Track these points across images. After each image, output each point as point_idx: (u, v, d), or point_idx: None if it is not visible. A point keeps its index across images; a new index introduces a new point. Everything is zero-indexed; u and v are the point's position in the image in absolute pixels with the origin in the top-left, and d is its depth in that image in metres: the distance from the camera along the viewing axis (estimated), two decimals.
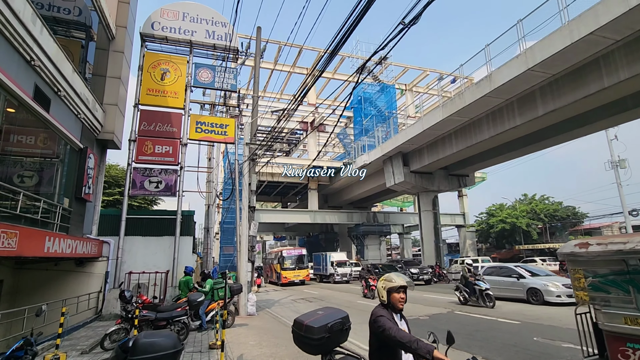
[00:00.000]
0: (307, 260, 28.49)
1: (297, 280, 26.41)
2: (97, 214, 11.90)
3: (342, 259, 28.24)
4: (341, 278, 26.18)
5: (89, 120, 10.91)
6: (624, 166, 25.91)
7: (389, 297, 2.57)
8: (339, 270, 26.32)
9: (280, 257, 27.39)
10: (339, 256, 28.76)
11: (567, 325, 8.32)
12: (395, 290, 2.55)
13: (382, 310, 2.54)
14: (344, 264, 27.30)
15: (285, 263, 26.97)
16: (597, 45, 12.25)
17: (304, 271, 27.07)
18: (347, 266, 27.01)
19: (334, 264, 26.81)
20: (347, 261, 27.95)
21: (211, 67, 14.61)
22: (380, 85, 31.55)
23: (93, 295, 11.20)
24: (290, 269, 26.75)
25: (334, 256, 28.08)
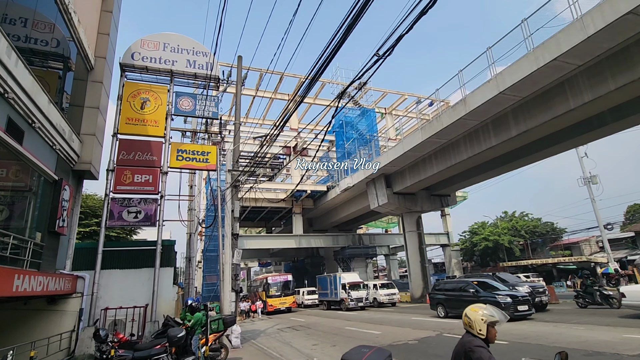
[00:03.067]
0: (293, 286, 27.46)
1: (284, 307, 25.36)
2: (71, 247, 11.39)
3: (355, 279, 24.28)
4: (355, 304, 22.44)
5: (64, 151, 10.63)
6: (596, 182, 26.98)
7: (487, 331, 2.59)
8: (353, 294, 22.58)
9: (265, 284, 26.45)
10: (351, 277, 24.47)
11: (553, 343, 8.35)
12: (494, 325, 2.61)
13: (479, 341, 2.53)
14: (358, 286, 23.56)
15: (271, 290, 26.03)
16: (561, 70, 13.01)
17: (290, 298, 26.11)
18: (361, 289, 23.47)
19: (347, 287, 22.90)
20: (361, 282, 24.27)
21: (192, 95, 14.66)
22: (360, 109, 32.29)
23: (65, 334, 10.52)
24: (276, 296, 25.80)
25: (345, 277, 23.87)
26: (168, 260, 12.94)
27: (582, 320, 11.65)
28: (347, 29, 5.24)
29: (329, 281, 25.55)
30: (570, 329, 10.15)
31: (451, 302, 14.68)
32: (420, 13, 4.07)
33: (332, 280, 24.86)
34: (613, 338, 8.42)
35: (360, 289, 23.26)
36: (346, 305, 22.51)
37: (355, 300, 22.44)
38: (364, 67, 5.16)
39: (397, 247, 40.72)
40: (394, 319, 16.31)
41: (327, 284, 25.78)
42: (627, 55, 12.03)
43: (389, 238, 40.67)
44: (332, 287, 24.69)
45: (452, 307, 14.57)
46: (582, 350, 7.47)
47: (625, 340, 8.05)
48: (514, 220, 38.49)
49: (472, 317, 2.63)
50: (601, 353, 7.11)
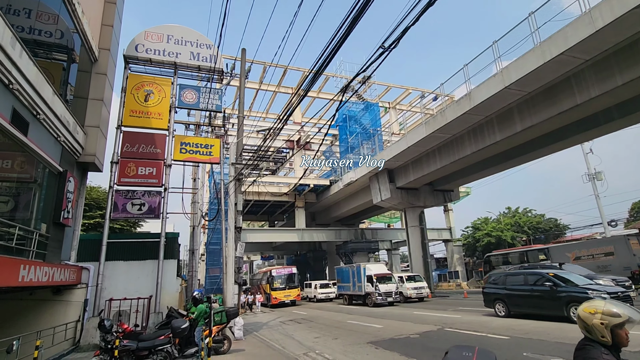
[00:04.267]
0: (297, 279, 27.06)
1: (288, 300, 25.01)
2: (76, 239, 11.49)
3: (384, 271, 21.74)
4: (384, 299, 19.70)
5: (69, 143, 10.68)
6: (601, 178, 26.80)
7: (613, 335, 1.95)
8: (382, 288, 19.88)
9: (270, 276, 26.15)
10: (378, 268, 21.91)
11: (555, 339, 8.36)
12: (621, 326, 1.95)
13: (598, 352, 1.93)
14: (387, 278, 20.85)
15: (275, 283, 25.66)
16: (568, 64, 12.85)
17: (294, 290, 25.74)
18: (391, 282, 20.72)
19: (374, 280, 20.22)
20: (390, 275, 21.58)
21: (196, 88, 14.63)
22: (364, 103, 32.14)
23: (71, 325, 10.67)
24: (280, 288, 25.43)
25: (371, 268, 21.29)
26: (171, 252, 13.04)
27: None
28: (351, 22, 5.20)
29: (350, 273, 22.84)
30: (573, 325, 10.15)
31: (516, 299, 12.16)
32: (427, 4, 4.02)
33: (355, 272, 22.09)
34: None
35: (389, 281, 20.58)
36: (373, 300, 19.94)
37: (384, 294, 19.74)
38: (369, 60, 5.12)
39: (400, 241, 40.78)
40: (395, 313, 16.36)
41: (348, 276, 23.21)
42: (635, 50, 11.86)
43: (391, 233, 40.71)
44: (355, 279, 22.04)
45: (517, 305, 12.13)
46: None
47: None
48: (517, 216, 38.40)
49: (587, 321, 2.03)
50: None
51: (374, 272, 20.82)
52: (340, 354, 8.53)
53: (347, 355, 8.33)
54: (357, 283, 21.85)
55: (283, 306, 24.84)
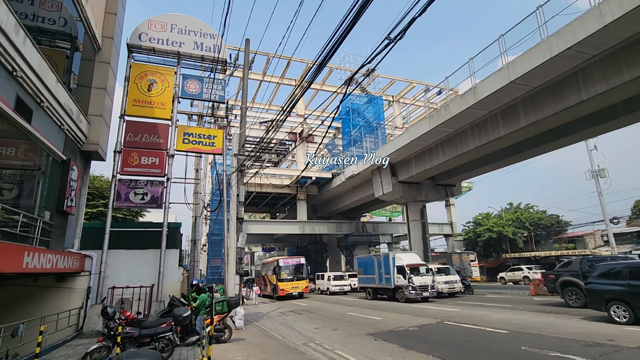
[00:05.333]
0: (306, 270, 25.79)
1: (296, 292, 23.88)
2: (79, 227, 11.59)
3: (417, 261, 19.33)
4: (418, 294, 17.24)
5: (72, 132, 10.70)
6: (604, 175, 26.63)
7: None
8: (416, 281, 17.44)
9: (277, 267, 24.82)
10: (411, 258, 19.50)
11: (553, 333, 8.41)
12: None
13: None
14: (422, 269, 18.40)
15: (282, 274, 24.31)
16: (575, 59, 12.69)
17: (302, 282, 24.53)
18: (426, 274, 18.27)
19: (405, 271, 17.71)
20: (424, 266, 18.91)
21: (199, 78, 14.58)
22: (368, 96, 31.96)
23: (74, 311, 10.81)
24: (288, 280, 24.14)
25: (402, 258, 18.86)
26: (174, 242, 13.13)
27: (584, 313, 11.69)
28: (357, 13, 5.14)
29: (376, 263, 20.30)
30: (570, 320, 10.20)
31: None
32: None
33: (382, 262, 19.55)
34: (614, 330, 8.46)
35: (424, 274, 18.13)
36: (405, 295, 17.47)
37: (419, 288, 17.28)
38: (374, 52, 5.08)
39: (400, 235, 40.90)
40: (396, 307, 16.46)
41: (372, 267, 20.60)
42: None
43: (392, 227, 40.81)
44: (382, 270, 19.50)
45: None
46: (582, 341, 7.52)
47: (626, 333, 8.09)
48: (519, 212, 38.33)
49: None
50: (601, 344, 7.15)
51: (406, 262, 18.27)
52: (340, 344, 8.62)
53: (347, 345, 8.42)
54: (384, 275, 19.25)
55: (290, 298, 23.85)
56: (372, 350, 7.85)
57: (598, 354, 6.48)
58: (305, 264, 25.60)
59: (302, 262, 25.48)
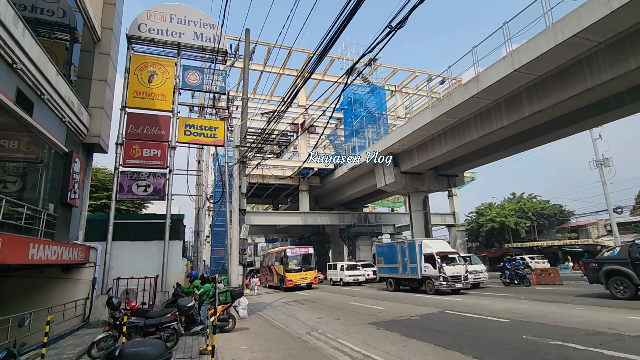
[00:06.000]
0: (314, 260, 24.88)
1: (304, 283, 22.98)
2: (83, 219, 11.67)
3: (448, 249, 17.59)
4: (450, 285, 15.52)
5: (74, 124, 10.71)
6: (608, 165, 26.45)
7: None
8: (447, 271, 15.69)
9: (284, 257, 23.96)
10: (440, 245, 17.66)
11: (554, 322, 8.46)
12: None
13: None
14: (453, 259, 16.50)
15: (290, 264, 23.46)
16: (580, 47, 12.49)
17: (311, 273, 23.63)
18: (458, 263, 16.43)
19: (435, 260, 15.90)
20: (456, 254, 17.08)
21: (200, 69, 14.48)
22: (370, 86, 31.70)
23: (80, 302, 10.97)
24: (296, 270, 23.29)
25: (431, 245, 17.07)
26: (177, 233, 13.22)
27: (586, 301, 11.74)
28: (357, 1, 5.06)
29: (399, 251, 18.59)
30: (573, 309, 10.25)
31: None
32: None
33: (407, 250, 17.82)
34: (615, 319, 8.49)
35: (456, 263, 16.39)
36: (434, 286, 15.79)
37: (451, 279, 15.60)
38: (376, 40, 5.01)
39: (403, 226, 40.96)
40: (397, 296, 16.58)
41: (394, 255, 18.94)
42: None
43: (394, 217, 40.86)
44: (406, 259, 17.81)
45: None
46: (583, 329, 7.56)
47: (628, 322, 8.12)
48: (522, 202, 38.27)
49: None
50: (602, 333, 7.19)
51: (435, 249, 16.50)
52: (342, 333, 8.71)
53: (349, 335, 8.51)
54: (409, 264, 17.58)
55: (299, 289, 22.96)
56: (374, 339, 7.93)
57: (599, 342, 6.52)
58: (313, 254, 24.81)
59: (311, 251, 24.69)
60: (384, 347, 7.09)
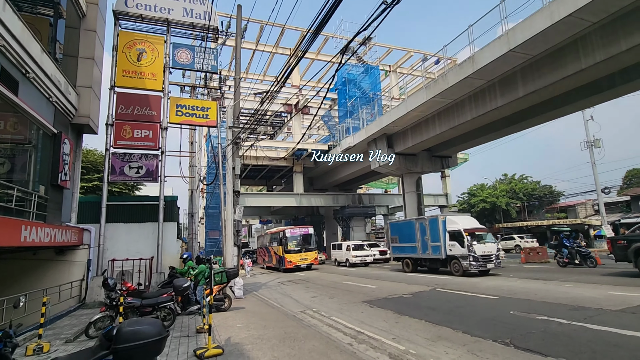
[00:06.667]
0: (314, 241, 24.20)
1: (304, 264, 22.34)
2: (75, 201, 11.58)
3: (475, 225, 15.71)
4: (482, 265, 14.09)
5: (61, 104, 10.45)
6: (598, 146, 26.77)
7: None
8: (477, 249, 14.17)
9: (283, 237, 23.24)
10: (466, 221, 15.77)
11: (542, 298, 8.74)
12: None
13: None
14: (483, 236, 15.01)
15: (290, 245, 22.74)
16: (575, 26, 12.38)
17: (311, 253, 22.97)
18: (490, 241, 14.96)
19: (464, 237, 14.35)
20: (485, 230, 15.67)
21: (190, 47, 14.09)
22: (364, 66, 31.24)
23: (75, 283, 11.03)
24: (296, 251, 22.63)
25: (457, 221, 15.34)
26: (171, 215, 13.21)
27: (571, 278, 12.11)
28: None
29: (417, 228, 17.07)
30: (559, 286, 10.58)
31: None
32: None
33: (428, 227, 16.28)
34: (598, 295, 8.81)
35: (487, 240, 14.84)
36: (462, 266, 14.31)
37: (481, 259, 14.08)
38: (371, 17, 4.90)
39: (396, 207, 41.34)
40: (389, 276, 16.91)
41: (412, 233, 17.40)
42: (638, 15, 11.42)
43: (388, 198, 41.17)
44: (426, 237, 16.31)
45: None
46: (568, 305, 7.84)
47: (610, 297, 8.43)
48: (513, 183, 38.78)
49: None
50: (586, 308, 7.47)
51: (462, 226, 14.85)
52: (336, 311, 8.92)
53: (343, 312, 8.72)
54: (430, 243, 16.07)
55: (298, 271, 22.32)
56: (367, 316, 8.14)
57: (583, 316, 6.78)
58: (313, 234, 24.21)
59: (311, 232, 24.03)
60: (377, 324, 7.29)
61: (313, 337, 6.52)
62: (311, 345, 5.99)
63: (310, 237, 23.64)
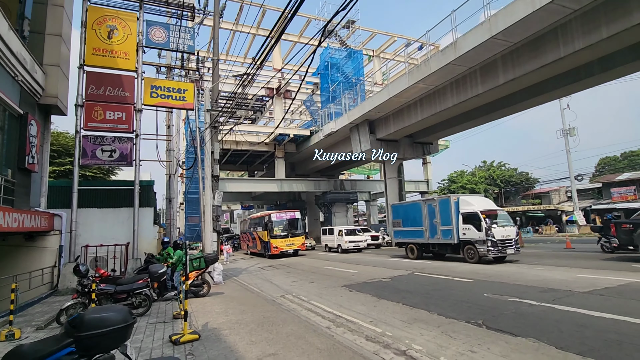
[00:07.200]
0: (301, 226, 23.55)
1: (291, 250, 21.55)
2: (44, 185, 11.06)
3: (491, 206, 14.47)
4: (500, 250, 12.80)
5: (27, 83, 9.84)
6: (574, 134, 27.62)
7: None
8: (497, 233, 12.86)
9: (269, 221, 22.30)
10: (482, 202, 14.51)
11: (514, 281, 9.04)
12: None
13: None
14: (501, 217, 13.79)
15: (275, 229, 21.86)
16: (557, 14, 12.49)
17: (298, 239, 22.19)
18: (509, 224, 13.60)
19: (481, 220, 13.04)
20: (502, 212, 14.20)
21: (165, 25, 13.45)
22: (347, 50, 30.86)
23: (47, 270, 10.66)
24: (282, 236, 21.79)
25: (471, 202, 14.08)
26: (147, 200, 12.86)
27: (544, 262, 12.57)
28: None
29: (425, 211, 15.65)
30: (531, 269, 10.97)
31: None
32: None
33: (438, 209, 14.92)
34: (569, 277, 9.18)
35: (506, 223, 13.56)
36: (478, 252, 13.09)
37: (500, 243, 12.81)
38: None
39: (378, 193, 41.74)
40: (369, 260, 17.14)
41: (418, 216, 16.03)
42: (624, 0, 11.59)
43: (370, 184, 41.47)
44: (435, 220, 14.99)
45: None
46: (539, 287, 8.13)
47: (579, 279, 8.80)
48: (491, 170, 39.72)
49: None
50: (555, 290, 7.76)
51: (478, 207, 13.55)
52: (316, 295, 8.97)
53: (322, 297, 8.78)
54: (439, 226, 14.76)
55: (285, 257, 21.56)
56: (346, 300, 8.22)
57: (552, 298, 7.04)
58: (300, 218, 23.54)
59: (297, 216, 23.28)
60: (355, 308, 7.37)
61: (291, 321, 6.53)
62: (289, 329, 6.00)
63: (297, 222, 22.97)
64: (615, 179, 33.50)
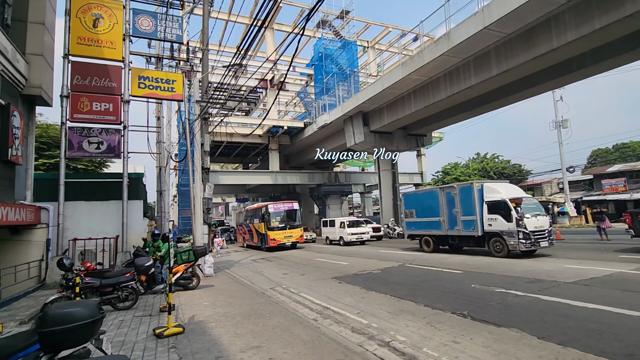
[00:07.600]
0: (299, 217, 22.78)
1: (289, 242, 20.77)
2: (30, 178, 10.88)
3: (520, 194, 12.98)
4: (534, 243, 11.46)
5: (9, 73, 9.58)
6: (566, 126, 27.70)
7: None
8: (529, 224, 11.56)
9: (266, 213, 21.46)
10: (509, 189, 12.91)
11: (502, 272, 9.09)
12: None
13: None
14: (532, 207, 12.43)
15: (272, 221, 21.10)
16: (550, 4, 12.39)
17: (297, 231, 21.35)
18: (542, 213, 12.27)
19: (511, 209, 11.71)
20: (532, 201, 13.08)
21: (152, 14, 13.16)
22: (341, 41, 30.52)
23: (34, 263, 10.54)
24: (280, 228, 20.99)
25: (497, 189, 12.62)
26: (136, 193, 12.72)
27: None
28: None
29: (443, 200, 14.26)
30: (519, 260, 11.03)
31: None
32: None
33: (458, 198, 13.52)
34: (555, 268, 9.25)
35: (538, 212, 12.26)
36: (508, 245, 11.78)
37: (532, 235, 11.53)
38: None
39: (372, 185, 41.75)
40: (363, 251, 17.18)
41: (436, 205, 14.58)
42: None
43: (364, 176, 41.47)
44: (456, 209, 13.57)
45: None
46: (526, 278, 8.18)
47: (565, 270, 8.86)
48: (485, 162, 39.85)
49: None
50: (542, 280, 7.81)
51: (506, 195, 12.20)
52: (305, 287, 8.96)
53: (312, 289, 8.77)
54: (460, 216, 13.39)
55: (283, 249, 20.88)
56: (335, 292, 8.22)
57: (538, 288, 7.08)
58: (298, 209, 22.68)
59: (296, 207, 22.38)
60: (344, 300, 7.36)
61: (279, 314, 6.51)
62: (276, 322, 5.98)
63: (295, 213, 22.11)
64: (606, 171, 33.77)
